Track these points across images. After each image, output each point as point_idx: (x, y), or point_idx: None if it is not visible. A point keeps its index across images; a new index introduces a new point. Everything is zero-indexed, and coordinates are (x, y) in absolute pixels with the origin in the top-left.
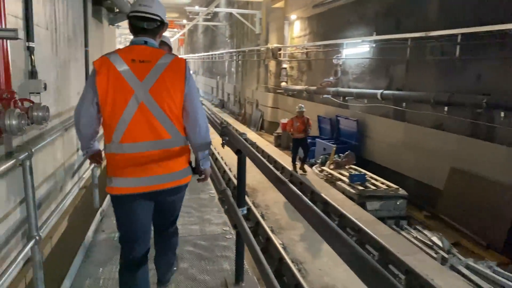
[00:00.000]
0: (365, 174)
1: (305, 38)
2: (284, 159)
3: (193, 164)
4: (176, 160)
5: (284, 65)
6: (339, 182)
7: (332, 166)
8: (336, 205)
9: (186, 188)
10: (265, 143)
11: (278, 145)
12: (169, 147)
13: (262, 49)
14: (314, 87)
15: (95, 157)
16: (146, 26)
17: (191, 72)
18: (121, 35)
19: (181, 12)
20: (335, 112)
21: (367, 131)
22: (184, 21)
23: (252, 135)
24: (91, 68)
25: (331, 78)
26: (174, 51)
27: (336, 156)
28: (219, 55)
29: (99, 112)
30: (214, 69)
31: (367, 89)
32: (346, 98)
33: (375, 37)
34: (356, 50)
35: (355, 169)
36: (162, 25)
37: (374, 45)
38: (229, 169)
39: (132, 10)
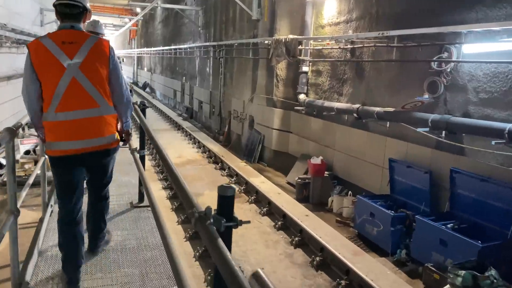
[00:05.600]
0: None
1: (349, 26)
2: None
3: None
4: (105, 127)
5: (304, 68)
6: None
7: None
8: None
9: (115, 152)
10: (299, 210)
11: (304, 198)
12: (98, 115)
13: (266, 42)
14: (380, 109)
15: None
16: (70, 12)
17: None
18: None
19: None
20: (430, 157)
21: None
22: (138, 9)
23: (257, 180)
24: None
25: (425, 96)
26: (125, 45)
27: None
28: (187, 49)
29: (41, 87)
30: (178, 68)
31: None
32: (461, 135)
33: None
34: (491, 46)
35: None
36: (84, 11)
37: None
38: None
39: None
